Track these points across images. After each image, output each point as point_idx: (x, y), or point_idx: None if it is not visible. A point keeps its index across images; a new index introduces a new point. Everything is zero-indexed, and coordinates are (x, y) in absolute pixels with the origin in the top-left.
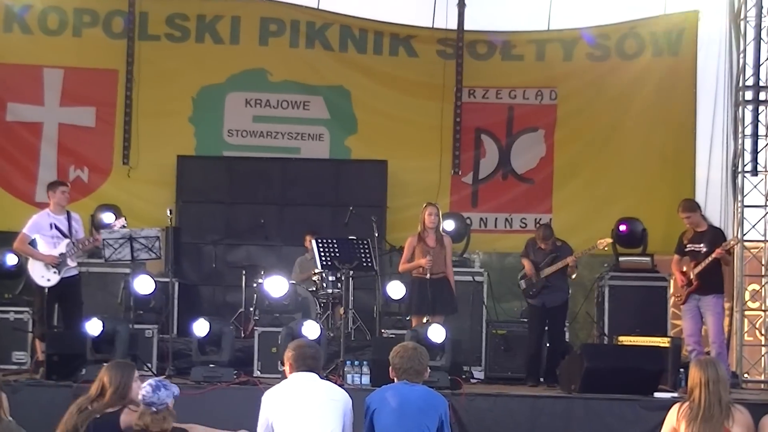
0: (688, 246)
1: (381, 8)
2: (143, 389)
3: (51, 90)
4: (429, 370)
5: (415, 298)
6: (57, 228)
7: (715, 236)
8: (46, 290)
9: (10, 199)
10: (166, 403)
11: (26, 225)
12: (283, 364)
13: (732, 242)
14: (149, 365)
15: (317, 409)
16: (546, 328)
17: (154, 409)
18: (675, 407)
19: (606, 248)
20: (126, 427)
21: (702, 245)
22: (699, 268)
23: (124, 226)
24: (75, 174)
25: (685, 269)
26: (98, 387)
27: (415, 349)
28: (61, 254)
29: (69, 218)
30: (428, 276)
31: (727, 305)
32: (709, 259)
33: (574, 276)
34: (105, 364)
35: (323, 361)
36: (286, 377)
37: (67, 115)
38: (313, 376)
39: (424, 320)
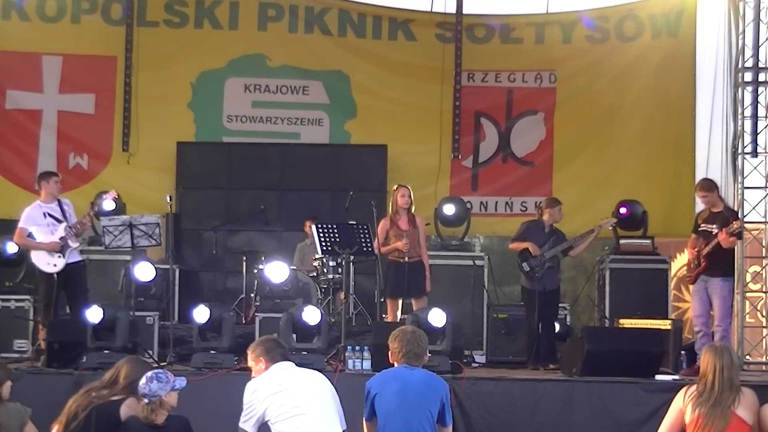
0: (702, 226)
1: None
2: (146, 378)
3: (50, 77)
4: (428, 354)
5: (391, 282)
6: (51, 216)
7: (726, 218)
8: (55, 276)
9: (10, 186)
10: (159, 395)
11: (21, 219)
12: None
13: (735, 226)
14: (150, 352)
15: (318, 395)
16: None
17: (146, 401)
18: (683, 390)
19: (611, 227)
20: (125, 417)
21: (714, 226)
22: (707, 249)
23: (115, 198)
24: (75, 161)
25: (696, 249)
26: (113, 375)
27: (414, 333)
28: (62, 238)
29: (60, 205)
30: (406, 259)
31: None
32: (715, 241)
33: (579, 252)
34: (112, 352)
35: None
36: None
37: (67, 102)
38: (291, 364)
39: (400, 303)
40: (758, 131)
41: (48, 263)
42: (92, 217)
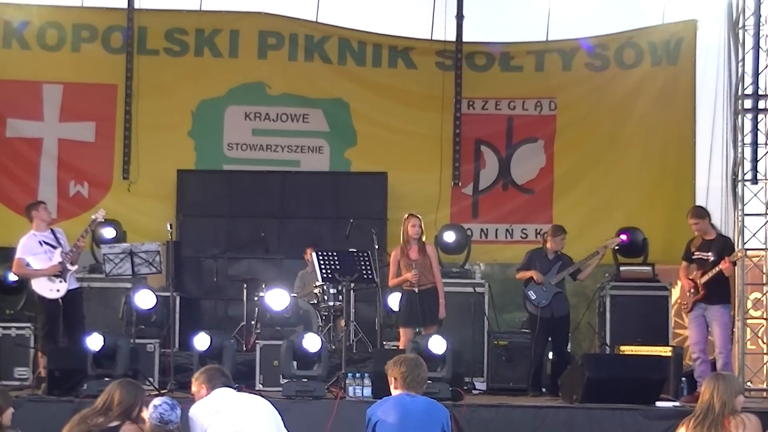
0: (696, 254)
1: (379, 20)
2: (160, 407)
3: (50, 105)
4: (428, 382)
5: (404, 311)
6: (46, 243)
7: (723, 246)
8: (60, 301)
9: (10, 214)
10: (179, 421)
11: (17, 250)
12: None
13: (739, 254)
14: (151, 380)
15: (257, 416)
16: (549, 338)
17: (170, 428)
18: (686, 423)
19: (617, 246)
20: None
21: (710, 254)
22: (706, 277)
23: (104, 216)
24: (75, 189)
25: (692, 277)
26: (105, 401)
27: (418, 360)
28: (60, 263)
29: (54, 233)
30: (417, 290)
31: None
32: (717, 269)
33: (586, 276)
34: (115, 380)
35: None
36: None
37: (67, 131)
38: (231, 390)
39: (416, 332)
40: (758, 158)
41: (51, 289)
42: (89, 233)
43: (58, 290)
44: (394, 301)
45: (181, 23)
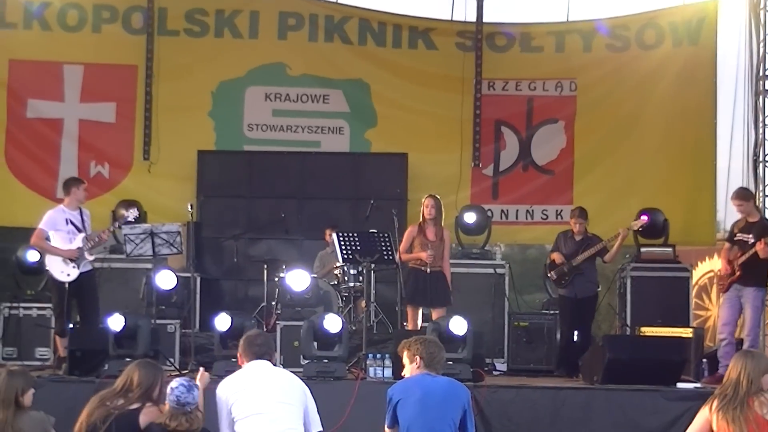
0: (737, 235)
1: (399, 1)
2: (177, 389)
3: (71, 86)
4: (449, 363)
5: (410, 289)
6: (72, 223)
7: (762, 228)
8: (67, 285)
9: (31, 195)
10: (197, 402)
11: (41, 221)
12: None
13: None
14: (171, 360)
15: (280, 395)
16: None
17: (188, 409)
18: (710, 399)
19: (640, 228)
20: (145, 425)
21: (750, 236)
22: (742, 258)
23: (137, 217)
24: (96, 170)
25: (731, 258)
26: (125, 383)
27: (438, 342)
28: (79, 248)
29: (82, 214)
30: (428, 270)
31: None
32: (752, 251)
33: (612, 258)
34: (133, 360)
35: (274, 349)
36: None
37: (88, 111)
38: (266, 363)
39: (420, 312)
40: None
41: (62, 272)
42: (112, 233)
43: (68, 275)
44: None
45: (201, 4)
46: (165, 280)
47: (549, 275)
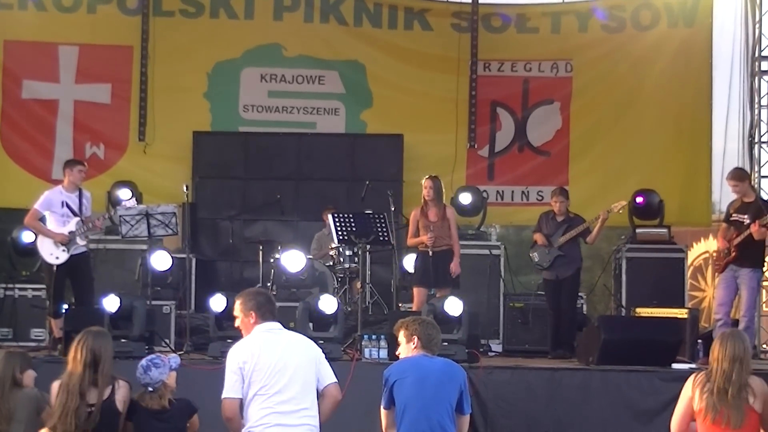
0: (733, 216)
1: None
2: (137, 370)
3: (66, 67)
4: (444, 344)
5: (418, 271)
6: (68, 206)
7: (758, 209)
8: (55, 267)
9: (27, 176)
10: (161, 380)
11: (38, 200)
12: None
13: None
14: (167, 341)
15: (304, 360)
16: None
17: (151, 389)
18: (691, 378)
19: (621, 211)
20: (125, 406)
21: (746, 216)
22: (738, 239)
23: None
24: (91, 151)
25: (728, 239)
26: (88, 359)
27: (434, 324)
28: (71, 232)
29: (80, 196)
30: (431, 251)
31: None
32: (747, 232)
33: (593, 240)
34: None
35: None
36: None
37: (83, 92)
38: (278, 325)
39: (429, 293)
40: None
41: (51, 253)
42: (106, 220)
43: (57, 257)
44: (409, 263)
45: None
46: (160, 261)
47: (531, 256)
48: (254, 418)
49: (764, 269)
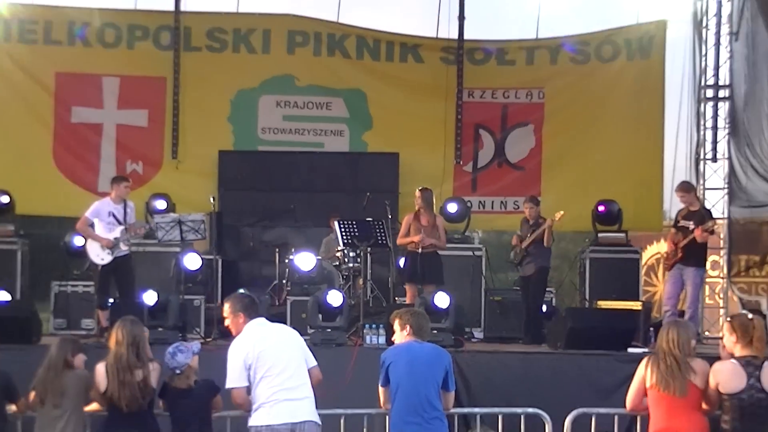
0: (680, 222)
1: (392, 21)
2: (165, 357)
3: (109, 95)
4: (433, 332)
5: (407, 269)
6: (114, 216)
7: (701, 216)
8: (101, 267)
9: (75, 189)
10: (186, 363)
11: (88, 209)
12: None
13: (710, 224)
14: (198, 329)
15: (294, 346)
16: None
17: (178, 371)
18: (645, 359)
19: (559, 219)
20: (159, 386)
21: (691, 222)
22: (684, 242)
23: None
24: (131, 167)
25: (675, 241)
26: (127, 341)
27: (425, 314)
28: (116, 239)
29: (125, 206)
30: (419, 251)
31: None
32: (691, 236)
33: (547, 242)
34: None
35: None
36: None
37: (124, 117)
38: (264, 320)
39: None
40: (717, 140)
41: (97, 255)
42: (147, 228)
43: (102, 259)
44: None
45: (220, 24)
46: (191, 261)
47: (510, 256)
48: (264, 395)
49: (707, 268)
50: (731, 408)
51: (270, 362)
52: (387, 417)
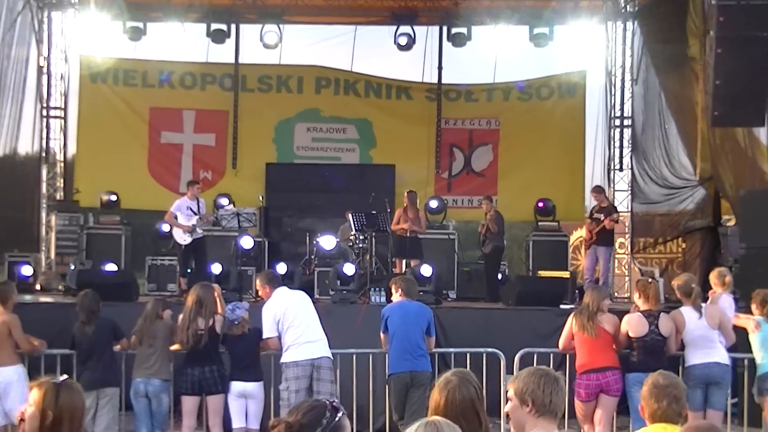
0: (594, 214)
1: (390, 70)
2: (226, 312)
3: (187, 123)
4: (420, 293)
5: (397, 248)
6: (191, 209)
7: (609, 210)
8: (183, 246)
9: (163, 190)
10: (240, 316)
11: (172, 205)
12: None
13: (615, 216)
14: (251, 292)
15: (308, 305)
16: None
17: (236, 322)
18: (573, 313)
19: (489, 215)
20: (221, 332)
21: (602, 215)
22: (597, 228)
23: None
24: (203, 175)
25: (590, 228)
26: (195, 300)
27: (413, 280)
28: (193, 225)
29: (198, 202)
30: (408, 234)
31: None
32: (602, 224)
33: (493, 229)
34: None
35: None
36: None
37: (198, 139)
38: (286, 288)
39: (404, 263)
40: (623, 156)
41: (181, 238)
42: (215, 218)
43: (185, 240)
44: None
45: (267, 72)
46: (246, 242)
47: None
48: (290, 340)
49: (615, 247)
50: (638, 347)
51: (292, 316)
52: (386, 355)
